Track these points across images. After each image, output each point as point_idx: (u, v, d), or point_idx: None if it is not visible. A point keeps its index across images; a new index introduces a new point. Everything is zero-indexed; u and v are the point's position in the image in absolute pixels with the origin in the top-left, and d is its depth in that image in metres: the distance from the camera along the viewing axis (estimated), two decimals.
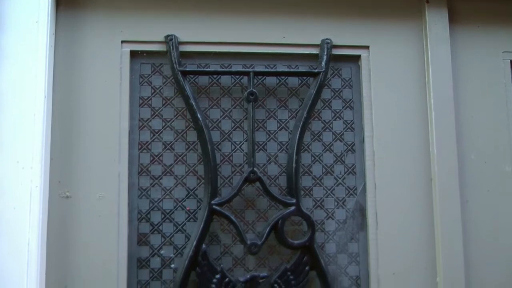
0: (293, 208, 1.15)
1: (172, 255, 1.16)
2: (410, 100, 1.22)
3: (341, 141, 1.23)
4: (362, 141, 1.22)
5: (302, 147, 1.20)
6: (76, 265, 1.11)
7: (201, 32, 1.20)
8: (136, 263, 1.15)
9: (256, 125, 1.20)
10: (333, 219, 1.20)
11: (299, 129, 1.17)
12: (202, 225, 1.13)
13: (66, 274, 1.11)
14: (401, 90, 1.23)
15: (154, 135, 1.19)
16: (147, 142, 1.19)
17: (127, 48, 1.19)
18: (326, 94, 1.24)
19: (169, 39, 1.18)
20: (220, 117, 1.21)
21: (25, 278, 1.04)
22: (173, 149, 1.19)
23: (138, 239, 1.16)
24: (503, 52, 1.27)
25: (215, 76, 1.22)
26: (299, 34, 1.22)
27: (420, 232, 1.19)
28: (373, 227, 1.19)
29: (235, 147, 1.20)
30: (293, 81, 1.23)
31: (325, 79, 1.21)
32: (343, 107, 1.24)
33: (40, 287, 1.06)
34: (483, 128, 1.23)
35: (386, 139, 1.21)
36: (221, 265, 1.15)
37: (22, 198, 1.06)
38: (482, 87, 1.25)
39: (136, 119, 1.19)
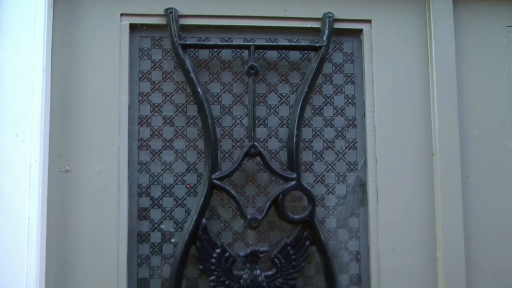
0: (293, 183, 1.14)
1: (172, 230, 1.16)
2: (412, 75, 1.21)
3: (342, 116, 1.22)
4: (363, 116, 1.21)
5: (302, 122, 1.19)
6: (76, 239, 1.11)
7: (201, 5, 1.19)
8: (136, 238, 1.16)
9: (256, 99, 1.19)
10: (333, 194, 1.20)
11: (300, 104, 1.16)
12: (202, 200, 1.13)
13: (66, 247, 1.11)
14: (403, 65, 1.22)
15: (154, 109, 1.18)
16: (147, 116, 1.18)
17: (127, 21, 1.17)
18: (327, 68, 1.23)
19: (169, 12, 1.16)
20: (221, 91, 1.20)
21: (26, 252, 1.04)
22: (173, 124, 1.18)
23: (138, 214, 1.16)
24: (507, 26, 1.25)
25: (215, 49, 1.20)
26: (301, 8, 1.21)
27: (420, 207, 1.19)
28: (374, 202, 1.18)
29: (236, 121, 1.20)
30: (294, 55, 1.22)
31: (327, 53, 1.20)
32: (344, 82, 1.23)
33: (40, 261, 1.06)
34: (486, 103, 1.22)
35: (388, 114, 1.20)
36: (221, 240, 1.15)
37: (21, 172, 1.06)
38: (485, 62, 1.24)
39: (136, 93, 1.18)
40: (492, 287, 1.18)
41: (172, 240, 1.16)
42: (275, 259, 1.15)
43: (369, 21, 1.22)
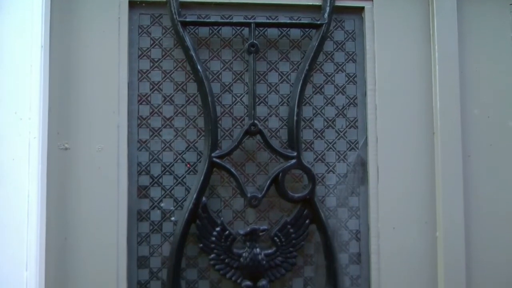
0: (294, 161, 1.14)
1: (172, 208, 1.16)
2: (414, 53, 1.20)
3: (343, 94, 1.21)
4: (365, 94, 1.21)
5: (303, 100, 1.18)
6: (76, 217, 1.11)
7: None
8: (136, 216, 1.15)
9: (257, 77, 1.18)
10: (334, 173, 1.20)
11: (301, 82, 1.15)
12: (202, 178, 1.12)
13: (66, 225, 1.11)
14: (405, 43, 1.20)
15: (153, 87, 1.17)
16: (146, 94, 1.17)
17: None
18: (328, 46, 1.21)
19: None
20: (221, 69, 1.19)
21: (25, 230, 1.04)
22: (173, 101, 1.17)
23: (138, 192, 1.16)
24: (510, 4, 1.24)
25: (215, 27, 1.19)
26: None
27: (421, 186, 1.18)
28: (374, 181, 1.18)
29: (236, 99, 1.19)
30: (295, 33, 1.21)
31: (328, 31, 1.18)
32: (345, 60, 1.22)
33: (40, 238, 1.06)
34: (488, 82, 1.21)
35: (389, 93, 1.19)
36: (221, 218, 1.15)
37: (20, 149, 1.06)
38: (488, 40, 1.22)
39: (135, 71, 1.17)
40: (492, 265, 1.18)
41: (172, 218, 1.16)
42: (275, 238, 1.15)
43: None
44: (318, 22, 1.17)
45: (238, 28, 1.19)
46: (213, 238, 1.14)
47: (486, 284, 1.18)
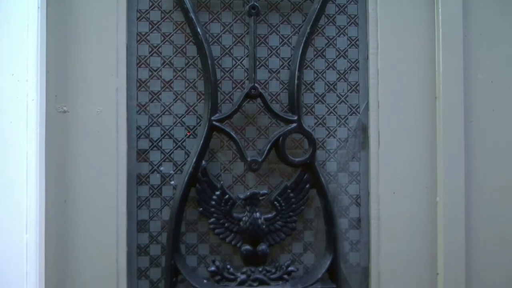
0: (294, 125, 1.13)
1: (171, 172, 1.16)
2: (417, 17, 1.18)
3: (344, 58, 1.19)
4: (366, 58, 1.19)
5: (304, 64, 1.17)
6: (75, 180, 1.11)
7: None
8: (136, 180, 1.15)
9: (257, 40, 1.16)
10: (334, 137, 1.19)
11: (302, 45, 1.13)
12: (202, 141, 1.11)
13: (65, 188, 1.10)
14: (408, 6, 1.18)
15: (152, 49, 1.16)
16: (145, 57, 1.15)
17: None
18: (330, 9, 1.19)
19: None
20: (221, 31, 1.17)
21: (25, 192, 1.04)
22: (172, 64, 1.16)
23: (137, 156, 1.15)
24: None
25: None
26: None
27: (422, 151, 1.17)
28: (375, 146, 1.17)
29: (236, 62, 1.17)
30: None
31: None
32: (347, 23, 1.20)
33: (39, 201, 1.06)
34: (492, 46, 1.19)
35: (391, 57, 1.17)
36: (221, 182, 1.14)
37: (18, 112, 1.05)
38: (493, 3, 1.20)
39: (134, 33, 1.15)
40: (491, 229, 1.18)
41: (172, 182, 1.15)
42: (275, 202, 1.15)
43: None
44: None
45: None
46: (213, 202, 1.13)
47: (485, 248, 1.18)
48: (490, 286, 1.18)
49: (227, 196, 1.14)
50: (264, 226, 1.14)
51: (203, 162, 1.12)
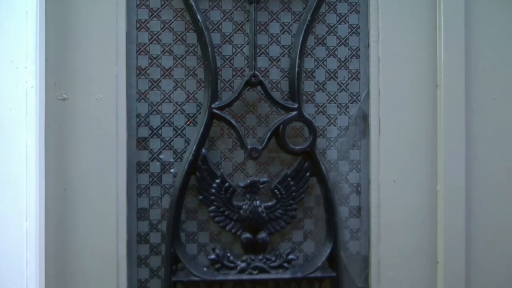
0: (294, 113, 1.12)
1: (171, 160, 1.15)
2: (418, 4, 1.17)
3: (345, 45, 1.19)
4: (367, 46, 1.18)
5: (305, 51, 1.16)
6: (75, 168, 1.10)
7: None
8: (136, 168, 1.15)
9: (258, 27, 1.16)
10: (335, 125, 1.18)
11: (303, 33, 1.13)
12: (202, 129, 1.11)
13: (65, 176, 1.10)
14: None
15: (152, 37, 1.15)
16: (145, 44, 1.15)
17: None
18: None
19: None
20: (221, 19, 1.16)
21: (24, 180, 1.04)
22: (172, 52, 1.15)
23: (137, 143, 1.15)
24: None
25: None
26: None
27: (422, 140, 1.17)
28: (376, 134, 1.17)
29: (236, 50, 1.16)
30: None
31: None
32: (348, 11, 1.19)
33: (39, 188, 1.06)
34: (493, 34, 1.19)
35: (392, 45, 1.17)
36: (221, 170, 1.14)
37: (18, 99, 1.04)
38: None
39: (134, 20, 1.15)
40: (492, 218, 1.18)
41: (172, 170, 1.15)
42: (275, 190, 1.15)
43: None
44: None
45: None
46: (213, 190, 1.13)
47: (485, 237, 1.18)
48: (490, 274, 1.18)
49: (227, 184, 1.14)
50: (264, 214, 1.14)
51: (203, 150, 1.12)
